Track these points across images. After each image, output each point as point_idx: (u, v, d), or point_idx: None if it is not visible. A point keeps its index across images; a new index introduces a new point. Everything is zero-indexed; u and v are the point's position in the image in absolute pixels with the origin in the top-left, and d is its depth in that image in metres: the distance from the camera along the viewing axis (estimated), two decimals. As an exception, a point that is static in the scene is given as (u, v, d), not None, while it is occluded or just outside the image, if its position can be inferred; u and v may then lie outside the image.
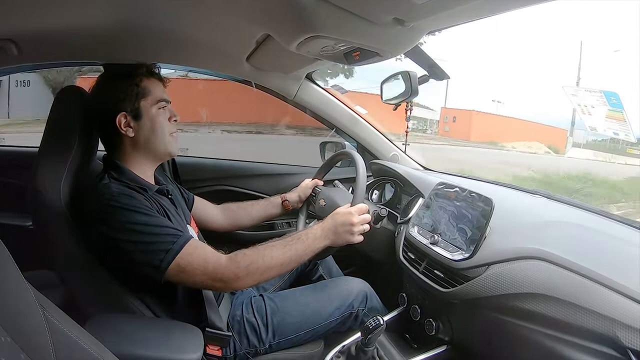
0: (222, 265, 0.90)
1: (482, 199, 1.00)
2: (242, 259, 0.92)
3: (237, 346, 1.04)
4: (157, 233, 0.87)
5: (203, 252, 0.90)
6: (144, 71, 1.00)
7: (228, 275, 0.90)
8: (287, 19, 0.82)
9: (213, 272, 0.89)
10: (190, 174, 1.59)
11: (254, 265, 0.92)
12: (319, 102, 1.60)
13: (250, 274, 0.91)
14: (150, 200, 0.93)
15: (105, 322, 0.84)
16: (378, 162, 1.63)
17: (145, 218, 0.87)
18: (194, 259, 0.88)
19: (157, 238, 0.87)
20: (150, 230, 0.87)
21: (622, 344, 0.67)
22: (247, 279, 0.92)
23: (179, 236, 0.88)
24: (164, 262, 0.85)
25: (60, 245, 0.92)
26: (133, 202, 0.88)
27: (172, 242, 0.87)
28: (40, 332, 0.48)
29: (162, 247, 0.86)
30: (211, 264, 0.89)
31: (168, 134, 1.01)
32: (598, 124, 1.53)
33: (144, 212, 0.88)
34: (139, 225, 0.86)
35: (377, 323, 0.91)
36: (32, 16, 0.87)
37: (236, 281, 0.91)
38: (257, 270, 0.92)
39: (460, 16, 0.78)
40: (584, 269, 0.76)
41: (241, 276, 0.91)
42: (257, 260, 0.92)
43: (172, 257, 0.86)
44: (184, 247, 0.87)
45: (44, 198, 0.90)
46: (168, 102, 1.02)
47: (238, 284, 0.93)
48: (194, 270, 0.88)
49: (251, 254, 0.93)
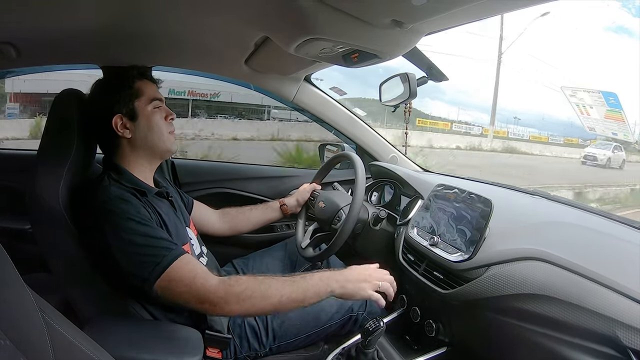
0: (211, 286, 0.84)
1: (481, 200, 1.01)
2: (236, 284, 0.86)
3: (237, 349, 1.04)
4: (148, 245, 0.85)
5: (193, 269, 0.86)
6: (135, 73, 1.01)
7: (216, 298, 0.84)
8: (286, 21, 0.82)
9: (199, 292, 0.84)
10: (188, 177, 1.59)
11: (248, 292, 0.85)
12: (317, 104, 1.60)
13: (241, 301, 0.84)
14: (148, 205, 0.93)
15: (104, 325, 0.84)
16: (377, 164, 1.63)
17: (138, 227, 0.85)
18: (182, 275, 0.84)
19: (147, 250, 0.84)
20: (141, 241, 0.85)
21: (622, 344, 0.67)
22: (236, 305, 0.85)
23: (170, 249, 0.86)
24: (152, 274, 0.83)
25: (59, 248, 0.92)
26: (128, 208, 0.87)
27: (162, 256, 0.84)
28: (39, 335, 0.48)
29: (151, 259, 0.84)
30: (199, 283, 0.84)
31: (166, 132, 1.02)
32: (597, 124, 1.53)
33: (137, 221, 0.86)
34: (130, 234, 0.84)
35: (377, 325, 0.91)
36: (31, 19, 0.88)
37: (225, 306, 0.85)
38: (249, 299, 0.84)
39: (458, 18, 0.78)
40: (583, 269, 0.76)
41: (231, 301, 0.84)
42: (252, 287, 0.86)
43: (161, 271, 0.83)
44: (174, 262, 0.84)
45: (42, 201, 0.90)
46: (162, 101, 1.03)
47: (226, 309, 0.86)
48: (179, 287, 0.84)
49: (246, 280, 0.87)
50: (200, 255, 1.10)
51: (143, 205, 0.91)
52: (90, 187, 0.92)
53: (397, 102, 1.42)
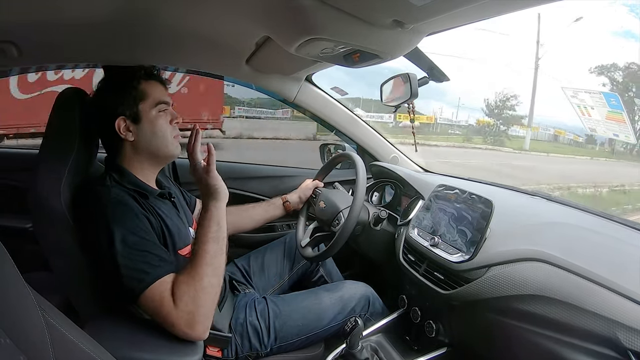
0: (172, 311, 0.80)
1: (482, 200, 1.00)
2: (179, 301, 0.81)
3: (238, 348, 1.04)
4: (136, 259, 0.82)
5: (167, 293, 0.81)
6: (142, 74, 0.98)
7: (180, 326, 0.80)
8: (287, 21, 0.82)
9: (165, 317, 0.80)
10: (190, 176, 1.58)
11: (189, 298, 0.81)
12: (319, 104, 1.60)
13: (195, 312, 0.80)
14: (149, 208, 0.92)
15: (104, 324, 0.84)
16: (378, 164, 1.63)
17: (130, 238, 0.83)
18: (159, 296, 0.81)
19: (135, 264, 0.82)
20: (130, 254, 0.82)
21: (622, 345, 0.67)
22: (191, 318, 0.80)
23: (157, 267, 0.83)
24: (137, 289, 0.81)
25: (60, 247, 0.92)
26: (126, 214, 0.85)
27: (146, 273, 0.81)
28: (39, 334, 0.48)
29: (136, 275, 0.81)
30: (166, 307, 0.80)
31: (170, 137, 0.99)
32: (598, 125, 1.53)
33: (131, 231, 0.84)
34: (120, 243, 0.82)
35: (354, 324, 0.91)
36: (32, 18, 0.88)
37: (189, 328, 0.80)
38: (199, 299, 0.81)
39: (460, 18, 0.78)
40: (584, 270, 0.76)
41: (192, 322, 0.80)
42: (187, 291, 0.81)
43: (143, 289, 0.81)
44: (157, 281, 0.81)
45: (44, 200, 0.90)
46: (169, 104, 1.00)
47: (195, 328, 0.81)
48: (154, 308, 0.81)
49: (183, 286, 0.82)
50: None
51: (143, 210, 0.90)
52: (92, 187, 0.92)
53: (398, 103, 1.42)
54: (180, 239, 0.97)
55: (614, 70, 16.22)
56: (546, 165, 12.64)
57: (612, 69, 16.34)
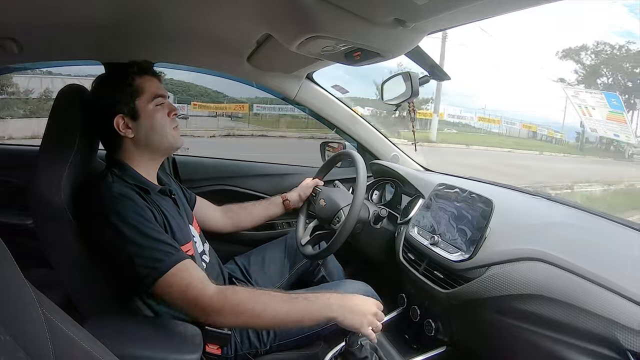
0: (206, 295, 0.83)
1: (482, 199, 1.00)
2: (232, 296, 0.85)
3: (238, 346, 1.05)
4: (149, 246, 0.84)
5: (189, 277, 0.84)
6: (135, 70, 0.98)
7: (209, 309, 0.83)
8: (288, 19, 0.82)
9: (193, 301, 0.83)
10: (190, 174, 1.59)
11: (242, 306, 0.84)
12: (319, 102, 1.60)
13: (236, 313, 0.84)
14: (152, 204, 0.92)
15: (104, 321, 0.84)
16: (378, 163, 1.63)
17: (141, 227, 0.85)
18: (178, 282, 0.83)
19: (147, 252, 0.84)
20: (143, 242, 0.84)
21: (621, 345, 0.67)
22: (230, 317, 0.84)
23: (170, 254, 0.85)
24: (148, 279, 0.83)
25: (61, 244, 0.92)
26: (132, 206, 0.86)
27: (161, 260, 0.83)
28: (39, 331, 0.48)
29: (150, 262, 0.83)
30: (194, 292, 0.83)
31: (169, 129, 1.00)
32: (598, 126, 1.53)
33: (141, 220, 0.85)
34: (133, 233, 0.84)
35: None
36: (33, 14, 0.88)
37: (218, 317, 0.84)
38: (244, 313, 0.84)
39: (461, 17, 0.78)
40: (583, 270, 0.76)
41: (225, 313, 0.83)
42: (248, 302, 0.85)
43: (158, 276, 0.83)
44: (172, 269, 0.83)
45: (44, 197, 0.90)
46: (165, 97, 1.01)
47: (219, 321, 0.86)
48: (174, 294, 0.84)
49: (244, 294, 0.86)
50: (203, 253, 1.10)
51: (147, 204, 0.90)
52: (93, 183, 0.92)
53: (398, 101, 1.42)
54: (182, 236, 0.97)
55: (584, 51, 15.89)
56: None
57: (580, 50, 16.01)
